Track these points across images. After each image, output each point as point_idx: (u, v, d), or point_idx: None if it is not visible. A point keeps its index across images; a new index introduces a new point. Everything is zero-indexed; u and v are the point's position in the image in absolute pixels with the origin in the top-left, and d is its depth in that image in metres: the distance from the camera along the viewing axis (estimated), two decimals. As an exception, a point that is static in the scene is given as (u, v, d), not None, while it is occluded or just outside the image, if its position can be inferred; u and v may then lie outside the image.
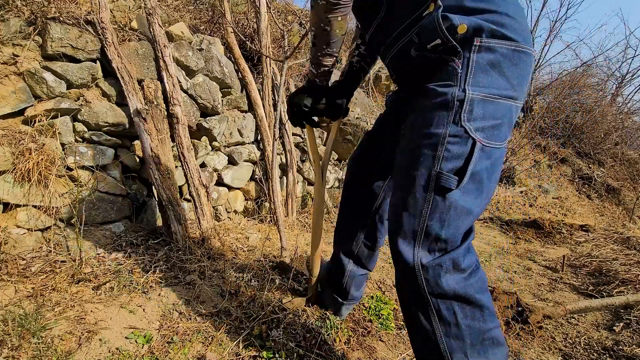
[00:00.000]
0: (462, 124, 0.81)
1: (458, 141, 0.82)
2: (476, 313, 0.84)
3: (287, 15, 3.91)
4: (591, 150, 6.34)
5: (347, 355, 1.26)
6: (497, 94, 0.82)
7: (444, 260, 0.84)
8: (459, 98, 0.81)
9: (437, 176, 0.83)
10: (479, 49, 0.81)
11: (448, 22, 0.79)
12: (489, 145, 0.83)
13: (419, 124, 0.87)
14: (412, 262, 0.85)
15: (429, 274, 0.84)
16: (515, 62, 0.82)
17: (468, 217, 0.86)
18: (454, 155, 0.82)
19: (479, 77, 0.81)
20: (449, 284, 0.83)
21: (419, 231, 0.85)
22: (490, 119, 0.82)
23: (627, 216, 5.17)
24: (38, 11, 1.81)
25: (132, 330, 1.22)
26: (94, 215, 1.86)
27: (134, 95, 1.97)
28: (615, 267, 2.29)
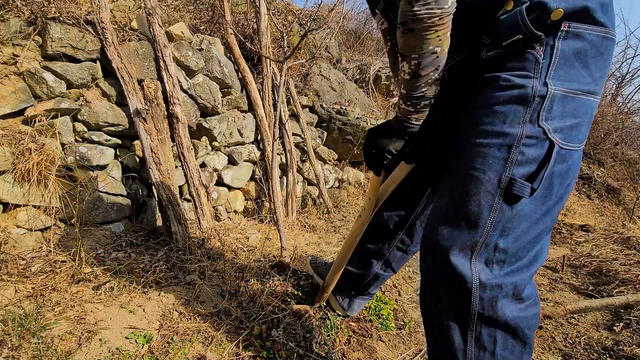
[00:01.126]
0: (541, 123, 0.71)
1: (534, 143, 0.72)
2: (517, 348, 0.77)
3: (287, 15, 3.91)
4: (591, 150, 6.34)
5: (347, 356, 1.26)
6: (578, 89, 0.72)
7: (505, 282, 0.75)
8: (540, 93, 0.71)
9: (508, 182, 0.72)
10: (566, 34, 0.70)
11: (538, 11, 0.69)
12: (566, 147, 0.73)
13: (486, 119, 0.75)
14: (470, 277, 0.74)
15: (485, 293, 0.74)
16: (602, 51, 0.72)
17: (535, 228, 0.76)
18: (528, 160, 0.72)
19: (562, 69, 0.71)
20: (505, 311, 0.74)
21: (479, 243, 0.75)
22: (569, 117, 0.72)
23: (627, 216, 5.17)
24: (38, 11, 1.81)
25: (132, 330, 1.22)
26: (94, 215, 1.86)
27: (134, 95, 1.97)
28: (615, 267, 2.29)
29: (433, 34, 0.72)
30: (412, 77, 0.78)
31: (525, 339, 0.77)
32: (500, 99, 0.74)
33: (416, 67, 0.76)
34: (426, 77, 0.78)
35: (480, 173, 0.75)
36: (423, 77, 0.78)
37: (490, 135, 0.74)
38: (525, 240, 0.76)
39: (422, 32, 0.71)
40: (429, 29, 0.71)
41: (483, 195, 0.74)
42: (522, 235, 0.75)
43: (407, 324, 1.52)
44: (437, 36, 0.72)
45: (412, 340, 1.44)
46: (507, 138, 0.73)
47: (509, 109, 0.73)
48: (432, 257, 0.81)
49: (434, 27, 0.71)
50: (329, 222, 3.00)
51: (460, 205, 0.77)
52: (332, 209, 3.22)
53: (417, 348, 1.39)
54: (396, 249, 1.21)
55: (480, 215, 0.74)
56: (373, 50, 5.78)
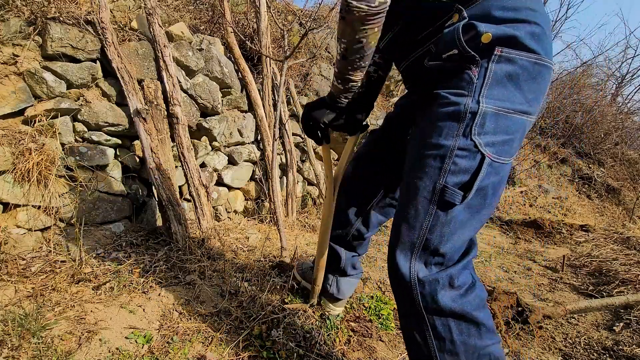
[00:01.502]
0: (472, 137, 0.78)
1: (466, 155, 0.79)
2: (472, 330, 0.82)
3: (287, 15, 3.91)
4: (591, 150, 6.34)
5: (347, 356, 1.26)
6: (511, 108, 0.79)
7: (441, 276, 0.83)
8: (472, 110, 0.78)
9: (442, 190, 0.80)
10: (499, 59, 0.77)
11: (472, 32, 0.76)
12: (497, 160, 0.80)
13: (427, 132, 0.84)
14: (408, 275, 0.84)
15: (425, 289, 0.82)
16: (534, 75, 0.79)
17: (468, 232, 0.84)
18: (461, 170, 0.79)
19: (495, 89, 0.78)
20: (445, 301, 0.81)
21: (417, 244, 0.83)
22: (501, 134, 0.79)
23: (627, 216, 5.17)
24: (38, 11, 1.81)
25: (132, 330, 1.22)
26: (94, 215, 1.86)
27: (134, 95, 1.97)
28: (615, 267, 2.29)
29: (359, 25, 0.80)
30: (342, 59, 0.90)
31: (476, 319, 0.82)
32: (439, 115, 0.82)
33: (344, 51, 0.87)
34: (352, 61, 0.89)
35: (419, 180, 0.83)
36: (349, 60, 0.88)
37: (430, 146, 0.82)
38: (459, 242, 0.85)
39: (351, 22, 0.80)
40: (356, 21, 0.79)
41: (420, 201, 0.83)
42: (456, 238, 0.83)
43: (407, 324, 1.52)
44: (362, 28, 0.81)
45: (412, 340, 1.44)
46: (441, 149, 0.81)
47: (445, 123, 0.81)
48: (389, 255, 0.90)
49: (360, 20, 0.79)
50: (329, 222, 3.00)
51: (403, 209, 0.87)
52: (332, 209, 3.21)
53: (417, 348, 1.39)
54: (353, 238, 1.34)
55: (417, 218, 0.83)
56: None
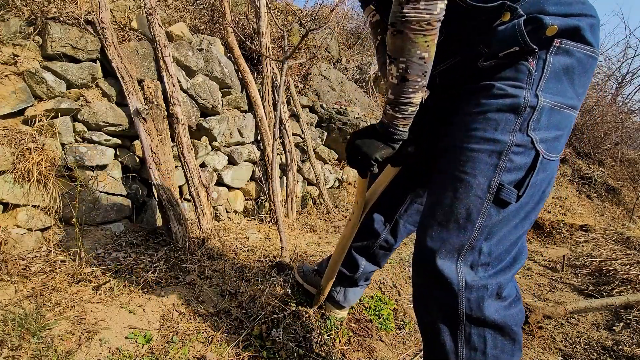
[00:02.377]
0: (529, 133, 0.75)
1: (522, 151, 0.75)
2: (507, 346, 0.78)
3: (287, 15, 3.91)
4: (591, 150, 6.34)
5: (347, 356, 1.26)
6: (564, 103, 0.76)
7: (490, 283, 0.77)
8: (531, 104, 0.74)
9: (498, 188, 0.75)
10: (557, 50, 0.74)
11: (534, 25, 0.73)
12: (547, 157, 0.77)
13: (477, 125, 0.78)
14: (454, 279, 0.77)
15: (472, 294, 0.76)
16: (586, 69, 0.77)
17: (517, 233, 0.80)
18: (517, 167, 0.76)
19: (551, 83, 0.75)
20: (490, 311, 0.77)
21: (466, 245, 0.77)
22: (554, 129, 0.76)
23: (627, 216, 5.17)
24: (38, 11, 1.81)
25: (132, 330, 1.22)
26: (94, 215, 1.86)
27: (134, 95, 1.97)
28: (615, 267, 2.29)
29: (421, 39, 0.72)
30: (400, 81, 0.77)
31: (514, 335, 0.79)
32: (493, 106, 0.76)
33: (404, 72, 0.76)
34: (414, 82, 0.77)
35: (471, 177, 0.77)
36: (410, 82, 0.77)
37: (482, 141, 0.77)
38: (507, 243, 0.79)
39: (411, 35, 0.72)
40: (418, 33, 0.71)
41: (472, 200, 0.77)
42: (504, 238, 0.79)
43: (407, 324, 1.52)
44: (425, 41, 0.72)
45: (412, 340, 1.44)
46: (498, 145, 0.75)
47: (501, 116, 0.76)
48: (420, 260, 0.82)
49: (422, 32, 0.71)
50: (329, 222, 3.00)
51: (449, 208, 0.79)
52: (332, 209, 3.22)
53: (417, 348, 1.39)
54: (379, 248, 1.26)
55: (469, 218, 0.77)
56: (373, 50, 5.78)
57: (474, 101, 0.80)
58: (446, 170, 0.82)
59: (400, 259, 2.23)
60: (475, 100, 0.79)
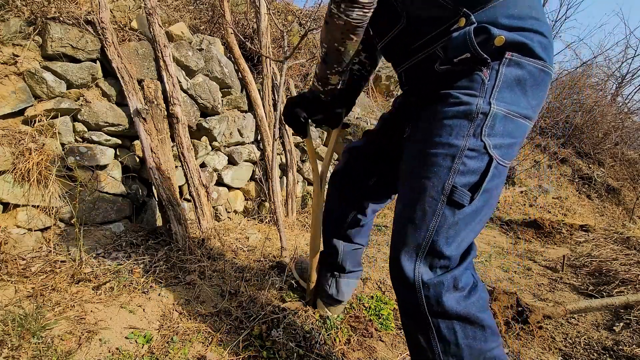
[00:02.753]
0: (482, 138, 0.78)
1: (475, 156, 0.79)
2: (477, 333, 0.82)
3: (287, 15, 3.91)
4: (591, 150, 6.34)
5: (347, 356, 1.26)
6: (517, 112, 0.80)
7: (445, 278, 0.81)
8: (484, 111, 0.78)
9: (451, 190, 0.79)
10: (509, 62, 0.78)
11: (484, 35, 0.76)
12: (501, 163, 0.81)
13: (434, 131, 0.83)
14: (412, 278, 0.82)
15: (430, 292, 0.81)
16: (538, 82, 0.81)
17: (472, 234, 0.84)
18: (470, 170, 0.79)
19: (505, 92, 0.79)
20: (450, 303, 0.80)
21: (423, 245, 0.82)
22: (508, 137, 0.80)
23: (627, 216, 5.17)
24: (38, 11, 1.81)
25: (132, 330, 1.22)
26: (94, 215, 1.86)
27: (134, 95, 1.97)
28: (615, 267, 2.29)
29: (338, 34, 0.85)
30: (322, 62, 0.95)
31: (481, 322, 0.82)
32: (449, 113, 0.81)
33: (324, 55, 0.93)
34: (331, 66, 0.94)
35: (427, 180, 0.82)
36: (328, 65, 0.94)
37: (438, 145, 0.81)
38: (464, 246, 0.84)
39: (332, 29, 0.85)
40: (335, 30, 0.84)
41: (427, 201, 0.81)
42: (462, 241, 0.83)
43: (407, 324, 1.52)
44: (342, 38, 0.86)
45: (412, 340, 1.44)
46: (451, 148, 0.80)
47: (455, 122, 0.80)
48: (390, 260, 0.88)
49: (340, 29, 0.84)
50: (329, 222, 3.00)
51: (408, 209, 0.85)
52: (332, 209, 3.21)
53: (417, 348, 1.39)
54: (349, 226, 1.35)
55: (423, 218, 0.82)
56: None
57: (433, 109, 0.85)
58: (407, 173, 0.89)
59: (400, 259, 2.23)
60: (434, 108, 0.85)
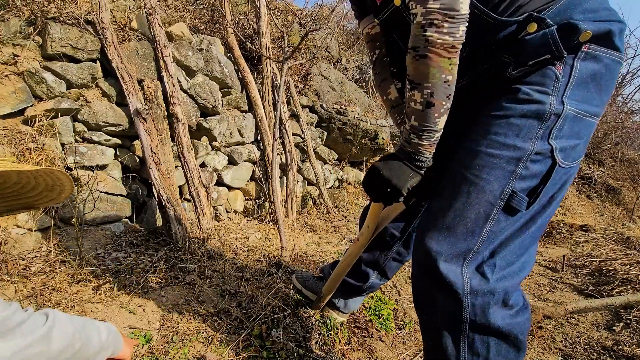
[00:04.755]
0: (550, 141, 0.72)
1: (540, 159, 0.73)
2: (511, 354, 0.76)
3: (287, 15, 3.91)
4: (591, 150, 6.34)
5: (347, 356, 1.26)
6: (588, 111, 0.74)
7: (496, 289, 0.74)
8: (556, 111, 0.71)
9: (510, 195, 0.73)
10: (585, 56, 0.71)
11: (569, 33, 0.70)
12: (564, 165, 0.74)
13: (500, 129, 0.75)
14: (460, 284, 0.74)
15: (477, 300, 0.74)
16: (614, 75, 0.75)
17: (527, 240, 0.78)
18: (532, 174, 0.73)
19: (578, 90, 0.72)
20: (495, 318, 0.74)
21: (473, 250, 0.75)
22: (574, 138, 0.74)
23: (627, 216, 5.17)
24: (38, 11, 1.81)
25: (132, 330, 1.22)
26: (94, 215, 1.86)
27: (134, 95, 1.97)
28: (615, 267, 2.29)
29: (446, 62, 0.69)
30: (425, 107, 0.74)
31: (519, 344, 0.77)
32: (517, 111, 0.74)
33: (429, 96, 0.72)
34: (439, 106, 0.74)
35: (486, 183, 0.74)
36: (436, 106, 0.73)
37: (502, 146, 0.74)
38: (515, 249, 0.77)
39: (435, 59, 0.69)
40: (442, 57, 0.69)
41: (484, 205, 0.74)
42: (512, 244, 0.77)
43: (407, 324, 1.52)
44: (449, 64, 0.70)
45: (412, 340, 1.44)
46: (517, 151, 0.73)
47: (524, 122, 0.73)
48: (423, 262, 0.79)
49: (447, 55, 0.69)
50: (329, 222, 3.00)
51: (460, 212, 0.76)
52: (332, 209, 3.22)
53: (417, 348, 1.39)
54: (392, 260, 1.22)
55: (477, 223, 0.75)
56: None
57: (497, 103, 0.77)
58: (460, 173, 0.79)
59: (400, 259, 2.23)
60: (499, 102, 0.76)
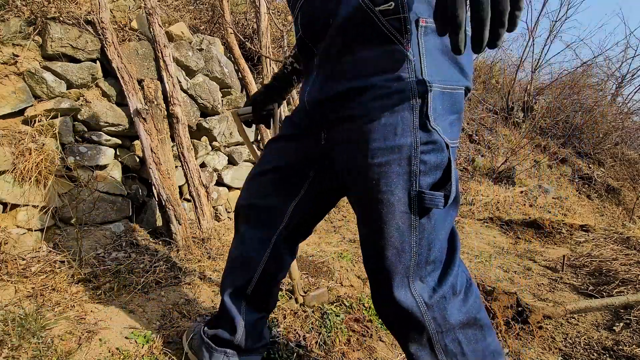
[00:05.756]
0: (431, 126, 0.67)
1: (431, 148, 0.68)
2: (478, 334, 0.77)
3: (287, 15, 3.91)
4: (591, 150, 6.34)
5: (347, 356, 1.26)
6: (453, 84, 0.70)
7: (445, 291, 0.74)
8: (420, 92, 0.66)
9: (418, 197, 0.68)
10: (426, 30, 0.67)
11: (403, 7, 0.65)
12: (453, 145, 0.71)
13: (375, 134, 0.68)
14: (415, 305, 0.72)
15: (435, 312, 0.73)
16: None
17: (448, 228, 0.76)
18: (432, 167, 0.68)
19: (434, 66, 0.68)
20: (455, 316, 0.74)
21: (411, 266, 0.72)
22: (449, 113, 0.70)
23: (627, 216, 5.17)
24: (38, 11, 1.81)
25: (132, 330, 1.22)
26: (94, 215, 1.86)
27: (134, 95, 1.97)
28: (615, 267, 2.29)
29: None
30: None
31: (480, 321, 0.77)
32: (384, 110, 0.68)
33: None
34: None
35: (389, 195, 0.69)
36: None
37: (385, 152, 0.68)
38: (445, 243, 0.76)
39: None
40: None
41: (399, 217, 0.69)
42: (443, 240, 0.75)
43: (407, 324, 1.52)
44: None
45: (412, 340, 1.44)
46: (403, 150, 0.67)
47: (395, 118, 0.67)
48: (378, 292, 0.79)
49: None
50: (329, 222, 3.00)
51: (380, 234, 0.72)
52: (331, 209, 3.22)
53: (417, 348, 1.39)
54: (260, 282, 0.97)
55: (402, 238, 0.70)
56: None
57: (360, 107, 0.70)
58: (362, 196, 0.74)
59: (400, 259, 2.23)
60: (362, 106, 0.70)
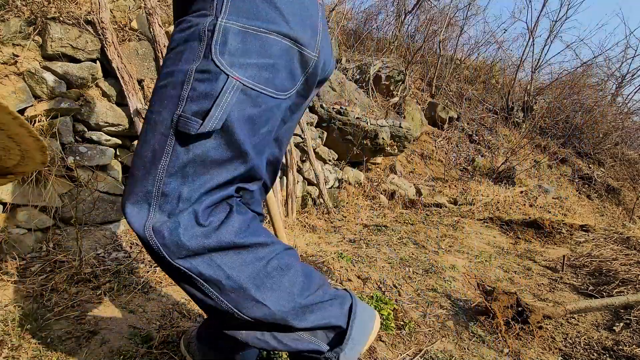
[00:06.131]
0: (213, 57, 0.68)
1: (207, 77, 0.69)
2: (243, 255, 0.72)
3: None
4: (591, 150, 6.34)
5: (347, 355, 1.26)
6: (264, 27, 0.71)
7: (181, 218, 0.68)
8: (209, 27, 0.69)
9: (177, 120, 0.68)
10: None
11: None
12: (255, 88, 0.71)
13: (168, 61, 0.74)
14: (142, 229, 0.68)
15: (165, 239, 0.67)
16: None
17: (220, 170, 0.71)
18: (201, 95, 0.68)
19: (239, 4, 0.70)
20: (193, 242, 0.68)
21: (154, 191, 0.68)
22: (255, 55, 0.70)
23: (627, 216, 5.18)
24: (38, 11, 1.81)
25: (132, 330, 1.22)
26: (94, 215, 1.86)
27: (134, 95, 1.97)
28: (615, 267, 2.29)
29: None
30: None
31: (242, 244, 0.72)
32: (181, 39, 0.72)
33: None
34: None
35: (157, 115, 0.70)
36: None
37: (167, 75, 0.72)
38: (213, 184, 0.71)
39: None
40: None
41: (158, 139, 0.69)
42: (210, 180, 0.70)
43: (407, 324, 1.52)
44: None
45: (412, 340, 1.44)
46: (180, 75, 0.70)
47: (186, 47, 0.71)
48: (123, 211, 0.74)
49: None
50: (329, 222, 3.00)
51: (138, 154, 0.71)
52: (332, 209, 3.22)
53: (417, 348, 1.39)
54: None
55: (153, 160, 0.69)
56: (373, 50, 5.79)
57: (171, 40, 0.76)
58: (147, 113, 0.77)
59: (401, 259, 2.23)
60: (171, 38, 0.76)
